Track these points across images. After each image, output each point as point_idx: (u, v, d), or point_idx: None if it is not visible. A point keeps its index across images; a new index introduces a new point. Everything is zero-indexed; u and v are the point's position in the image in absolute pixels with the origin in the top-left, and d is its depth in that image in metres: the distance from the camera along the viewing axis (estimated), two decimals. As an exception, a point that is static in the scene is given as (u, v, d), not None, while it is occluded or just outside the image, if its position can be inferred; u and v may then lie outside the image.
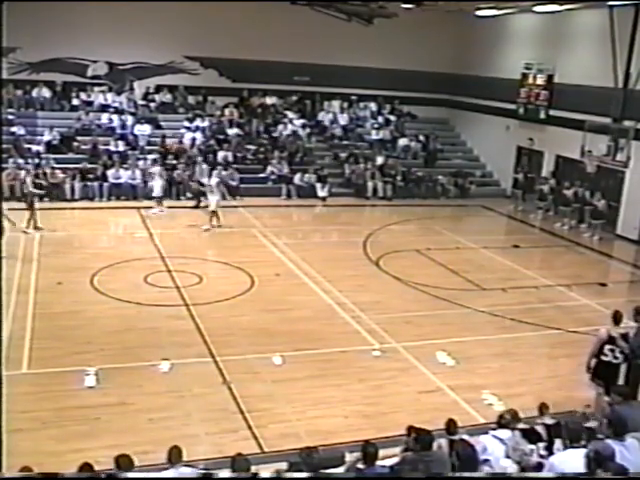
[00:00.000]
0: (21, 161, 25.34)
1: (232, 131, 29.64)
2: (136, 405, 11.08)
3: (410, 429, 8.19)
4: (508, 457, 8.06)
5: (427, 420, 9.29)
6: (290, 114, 31.42)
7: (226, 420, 10.80)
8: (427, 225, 24.85)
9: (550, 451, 8.05)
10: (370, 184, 28.55)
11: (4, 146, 26.04)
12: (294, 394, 11.71)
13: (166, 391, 11.61)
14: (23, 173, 24.42)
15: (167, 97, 30.46)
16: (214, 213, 22.12)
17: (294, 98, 32.31)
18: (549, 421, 8.71)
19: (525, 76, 29.32)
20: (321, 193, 27.56)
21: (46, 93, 28.92)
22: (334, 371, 12.68)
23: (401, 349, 13.75)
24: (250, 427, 10.60)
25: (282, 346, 13.46)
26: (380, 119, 32.89)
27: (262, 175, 27.99)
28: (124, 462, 7.40)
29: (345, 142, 31.31)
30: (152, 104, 30.09)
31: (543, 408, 9.00)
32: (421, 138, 32.42)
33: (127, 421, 10.58)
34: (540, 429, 8.57)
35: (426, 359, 13.30)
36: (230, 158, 28.01)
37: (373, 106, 33.33)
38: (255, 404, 11.24)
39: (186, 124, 29.41)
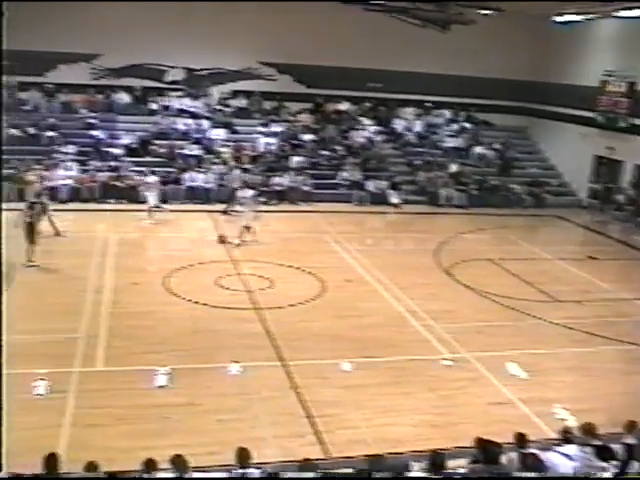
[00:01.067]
0: (101, 164, 25.99)
1: (306, 137, 29.79)
2: (205, 406, 11.18)
3: (479, 441, 8.04)
4: (576, 474, 7.80)
5: (496, 432, 9.10)
6: (364, 120, 31.40)
7: (294, 424, 10.80)
8: (501, 234, 24.47)
9: (624, 471, 7.76)
10: (443, 192, 28.30)
11: (86, 149, 26.82)
12: (363, 401, 11.63)
13: (235, 393, 11.68)
14: (102, 175, 25.06)
15: (243, 102, 30.84)
16: (247, 228, 21.07)
17: (368, 104, 32.27)
18: (630, 440, 8.35)
19: (605, 83, 28.66)
20: (394, 200, 27.43)
21: (126, 98, 29.63)
22: (404, 379, 12.56)
23: (472, 359, 13.53)
24: (318, 432, 10.57)
25: (352, 352, 13.40)
26: (455, 127, 32.59)
27: (335, 181, 28.04)
28: (179, 462, 7.49)
29: (419, 149, 31.12)
30: (228, 109, 30.50)
31: (629, 426, 8.60)
32: (497, 146, 31.98)
33: (196, 421, 10.68)
34: (617, 447, 8.25)
35: (497, 370, 13.05)
36: (304, 163, 28.16)
37: (448, 113, 33.06)
38: (323, 409, 11.22)
39: (261, 129, 29.70)
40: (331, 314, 15.61)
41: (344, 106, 31.85)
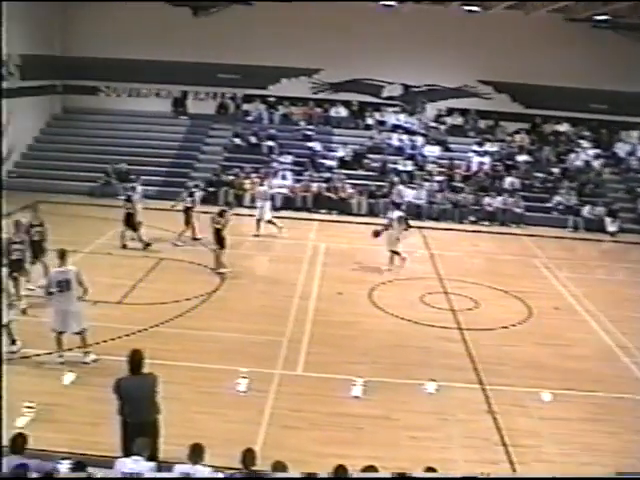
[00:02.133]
0: (315, 174, 26.81)
1: (521, 157, 29.01)
2: (400, 421, 11.12)
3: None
4: None
5: None
6: (583, 143, 30.05)
7: (487, 450, 10.47)
8: None
9: None
10: (666, 222, 26.46)
11: (302, 159, 27.78)
12: (562, 434, 11.06)
13: (430, 412, 11.54)
14: (315, 186, 25.83)
15: (458, 120, 30.61)
16: (395, 253, 19.64)
17: (589, 126, 30.83)
18: None
19: None
20: (610, 228, 25.98)
21: (343, 112, 30.40)
22: (608, 417, 11.80)
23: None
24: (512, 462, 10.17)
25: (553, 382, 12.80)
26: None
27: (549, 204, 27.04)
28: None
29: (641, 175, 29.33)
30: (443, 126, 30.40)
31: None
32: None
33: (389, 435, 10.65)
34: None
35: None
36: (517, 185, 27.44)
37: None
38: (519, 439, 10.79)
39: (475, 148, 29.30)
40: (535, 341, 15.02)
41: (563, 127, 30.68)
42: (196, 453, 7.68)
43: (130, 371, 8.90)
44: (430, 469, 7.78)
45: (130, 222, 19.75)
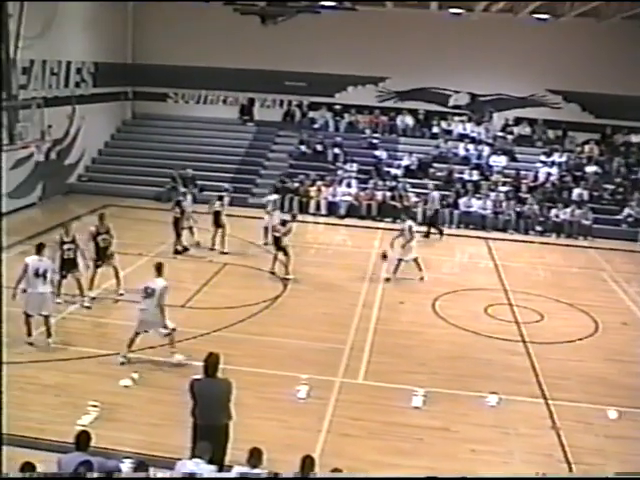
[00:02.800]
0: (380, 183, 26.77)
1: (590, 168, 28.39)
2: (460, 433, 10.98)
3: None
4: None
5: None
6: (656, 154, 29.30)
7: (550, 467, 10.22)
8: None
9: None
10: None
11: (367, 168, 27.79)
12: (628, 455, 10.74)
13: (491, 425, 11.37)
14: (380, 194, 25.80)
15: (526, 130, 30.18)
16: (414, 262, 19.18)
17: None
18: None
19: None
20: (684, 242, 25.26)
21: (409, 120, 30.29)
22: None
23: None
24: (575, 480, 9.97)
25: (620, 400, 12.47)
26: None
27: (618, 217, 26.41)
28: None
29: None
30: (510, 136, 30.00)
31: None
32: None
33: (448, 447, 10.53)
34: None
35: None
36: (585, 196, 26.88)
37: None
38: (583, 457, 10.53)
39: (542, 158, 28.83)
40: (602, 356, 14.67)
41: (635, 138, 29.94)
42: (255, 457, 7.72)
43: (205, 374, 8.99)
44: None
45: (176, 226, 20.07)
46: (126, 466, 7.93)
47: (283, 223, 18.72)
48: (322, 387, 12.15)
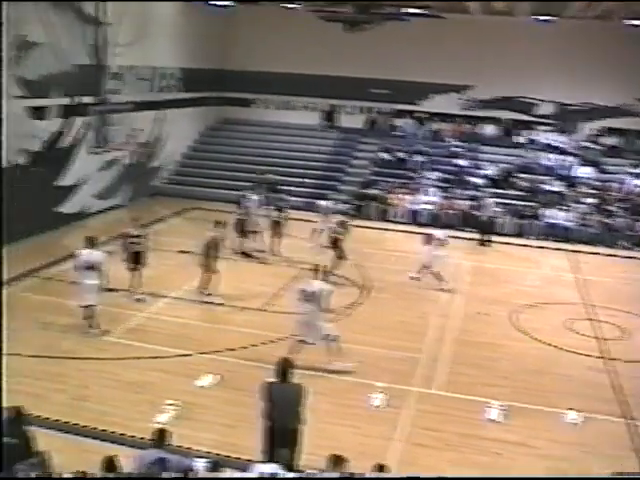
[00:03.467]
0: (462, 192, 26.50)
1: (682, 181, 27.48)
2: (539, 450, 10.72)
3: None
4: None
5: None
6: None
7: (632, 488, 9.94)
8: None
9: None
10: None
11: (449, 177, 27.55)
12: None
13: (572, 442, 11.06)
14: (462, 204, 25.53)
15: (614, 140, 29.36)
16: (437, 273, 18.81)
17: None
18: None
19: None
20: None
21: (492, 129, 29.89)
22: None
23: None
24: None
25: None
26: None
27: None
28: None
29: None
30: (597, 147, 29.24)
31: None
32: None
33: (527, 463, 10.30)
34: None
35: None
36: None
37: None
38: (668, 479, 10.18)
39: (630, 170, 28.01)
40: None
41: None
42: (337, 464, 7.70)
43: (277, 377, 9.04)
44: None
45: (241, 228, 20.28)
46: (200, 465, 8.03)
47: (342, 224, 18.88)
48: (398, 396, 12.07)
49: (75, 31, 21.69)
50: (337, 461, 7.68)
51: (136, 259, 15.99)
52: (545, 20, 26.30)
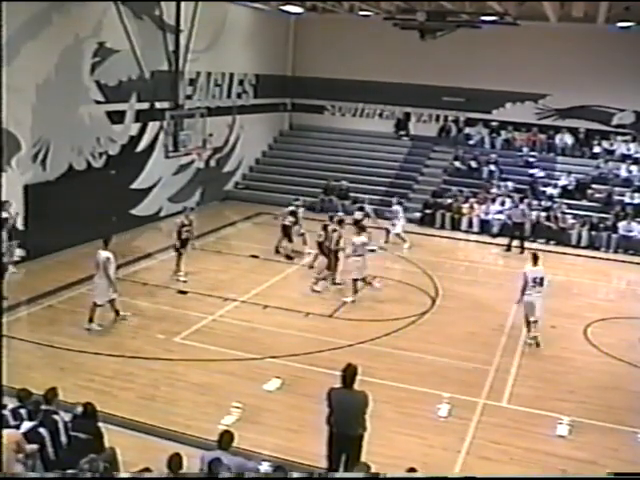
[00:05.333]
0: (535, 202, 26.03)
1: None
2: (608, 468, 10.32)
3: None
4: None
5: None
6: None
7: None
8: None
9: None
10: None
11: (522, 186, 27.11)
12: None
13: (641, 462, 10.74)
14: (534, 214, 25.07)
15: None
16: None
17: None
18: None
19: None
20: None
21: (568, 139, 29.25)
22: None
23: None
24: None
25: None
26: None
27: None
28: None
29: None
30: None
31: None
32: None
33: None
34: None
35: None
36: None
37: None
38: None
39: None
40: None
41: None
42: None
43: (342, 384, 9.02)
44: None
45: (286, 233, 20.61)
46: (264, 469, 8.07)
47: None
48: (464, 407, 11.92)
49: (153, 38, 22.18)
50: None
51: (183, 244, 17.76)
52: (625, 27, 25.65)
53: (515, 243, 23.30)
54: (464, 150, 29.69)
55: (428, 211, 26.23)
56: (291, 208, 21.03)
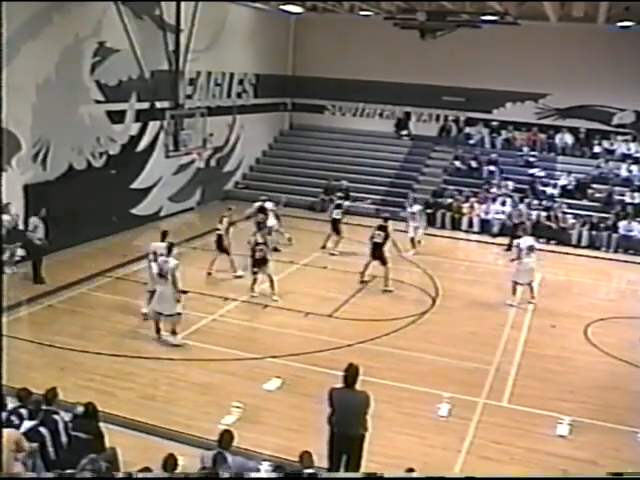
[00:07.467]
0: (535, 202, 26.04)
1: None
2: (608, 468, 10.27)
3: None
4: None
5: None
6: None
7: None
8: None
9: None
10: None
11: (522, 186, 27.10)
12: None
13: (641, 462, 10.73)
14: (534, 213, 25.08)
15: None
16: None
17: None
18: None
19: None
20: None
21: (568, 139, 29.25)
22: None
23: None
24: None
25: None
26: None
27: None
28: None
29: None
30: (678, 158, 28.34)
31: None
32: None
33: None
34: None
35: None
36: None
37: None
38: None
39: None
40: None
41: None
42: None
43: (344, 384, 9.02)
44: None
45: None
46: (264, 469, 8.07)
47: (380, 227, 18.55)
48: (464, 407, 11.92)
49: (153, 37, 22.19)
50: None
51: (259, 263, 16.84)
52: (625, 27, 25.64)
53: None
54: (464, 150, 29.69)
55: (428, 211, 26.20)
56: (258, 204, 21.16)
